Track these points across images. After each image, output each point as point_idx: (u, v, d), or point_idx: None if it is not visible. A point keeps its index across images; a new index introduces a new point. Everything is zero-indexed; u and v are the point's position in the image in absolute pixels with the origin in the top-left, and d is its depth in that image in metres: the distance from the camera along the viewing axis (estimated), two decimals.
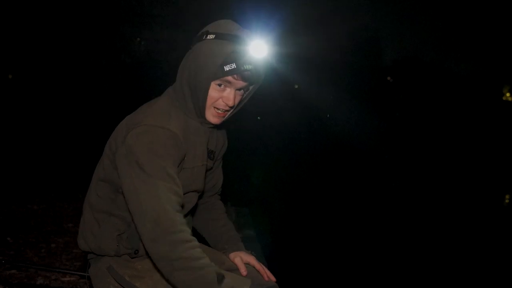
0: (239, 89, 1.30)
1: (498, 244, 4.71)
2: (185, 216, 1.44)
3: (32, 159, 6.98)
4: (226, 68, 1.23)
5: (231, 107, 1.32)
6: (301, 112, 15.32)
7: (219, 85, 1.27)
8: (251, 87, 1.36)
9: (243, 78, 1.26)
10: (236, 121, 1.45)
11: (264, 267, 1.47)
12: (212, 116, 1.32)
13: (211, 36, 1.26)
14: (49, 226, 3.67)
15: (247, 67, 1.24)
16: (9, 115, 10.27)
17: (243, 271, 1.41)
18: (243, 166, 8.61)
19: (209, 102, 1.29)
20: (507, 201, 7.49)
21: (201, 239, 1.56)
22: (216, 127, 1.40)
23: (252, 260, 1.47)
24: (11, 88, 11.73)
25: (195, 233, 1.57)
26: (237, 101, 1.31)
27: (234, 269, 1.42)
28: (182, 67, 1.32)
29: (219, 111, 1.31)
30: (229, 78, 1.25)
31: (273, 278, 1.46)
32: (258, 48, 1.29)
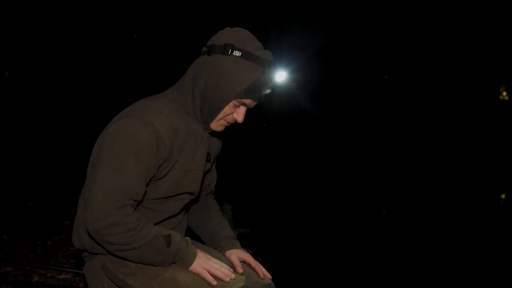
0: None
1: (496, 244, 4.73)
2: (179, 214, 1.44)
3: (28, 156, 6.96)
4: (251, 93, 1.26)
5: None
6: (301, 113, 15.34)
7: (236, 104, 1.29)
8: None
9: (260, 101, 1.31)
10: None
11: (260, 264, 1.48)
12: (217, 126, 1.35)
13: (237, 53, 1.24)
14: (45, 224, 3.67)
15: (267, 92, 1.29)
16: (5, 113, 10.23)
17: (239, 268, 1.41)
18: (240, 164, 8.62)
19: (220, 116, 1.31)
20: (502, 201, 7.52)
21: (197, 238, 1.56)
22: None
23: (247, 257, 1.47)
24: (7, 85, 11.69)
25: (190, 232, 1.57)
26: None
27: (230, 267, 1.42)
28: (195, 73, 1.29)
29: (226, 123, 1.35)
30: (248, 100, 1.28)
31: (268, 276, 1.46)
32: (280, 75, 1.33)
